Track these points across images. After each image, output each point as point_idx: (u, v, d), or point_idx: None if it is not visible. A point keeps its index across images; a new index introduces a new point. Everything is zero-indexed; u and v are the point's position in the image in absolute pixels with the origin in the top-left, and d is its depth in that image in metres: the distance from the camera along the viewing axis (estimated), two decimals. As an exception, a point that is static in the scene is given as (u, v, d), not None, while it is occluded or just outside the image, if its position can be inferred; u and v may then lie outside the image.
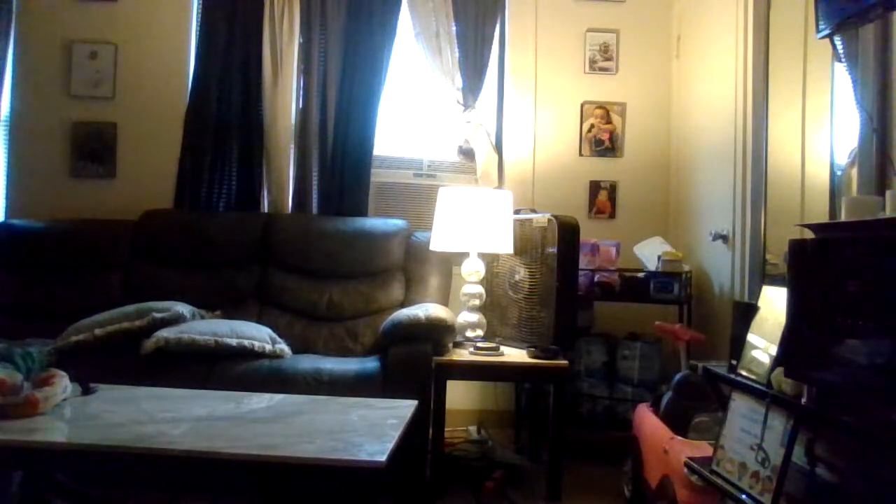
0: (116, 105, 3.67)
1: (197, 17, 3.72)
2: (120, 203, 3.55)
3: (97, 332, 2.78)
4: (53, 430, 1.88)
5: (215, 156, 3.60)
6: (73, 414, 2.00)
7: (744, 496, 1.75)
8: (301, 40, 3.65)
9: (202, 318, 2.98)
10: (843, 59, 2.22)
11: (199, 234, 3.39)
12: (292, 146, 3.66)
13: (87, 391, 2.17)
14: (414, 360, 2.70)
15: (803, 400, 1.67)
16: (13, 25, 3.63)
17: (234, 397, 2.20)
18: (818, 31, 2.20)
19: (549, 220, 2.97)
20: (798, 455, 1.71)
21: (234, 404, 2.12)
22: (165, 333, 2.73)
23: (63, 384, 2.04)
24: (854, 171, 2.19)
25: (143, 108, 3.66)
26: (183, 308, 2.91)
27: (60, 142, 3.65)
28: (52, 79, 3.66)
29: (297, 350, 2.98)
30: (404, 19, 3.68)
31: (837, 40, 2.19)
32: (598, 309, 3.41)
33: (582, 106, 3.81)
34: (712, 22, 3.33)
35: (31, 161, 3.66)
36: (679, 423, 2.32)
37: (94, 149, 3.65)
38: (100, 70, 3.65)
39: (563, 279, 2.89)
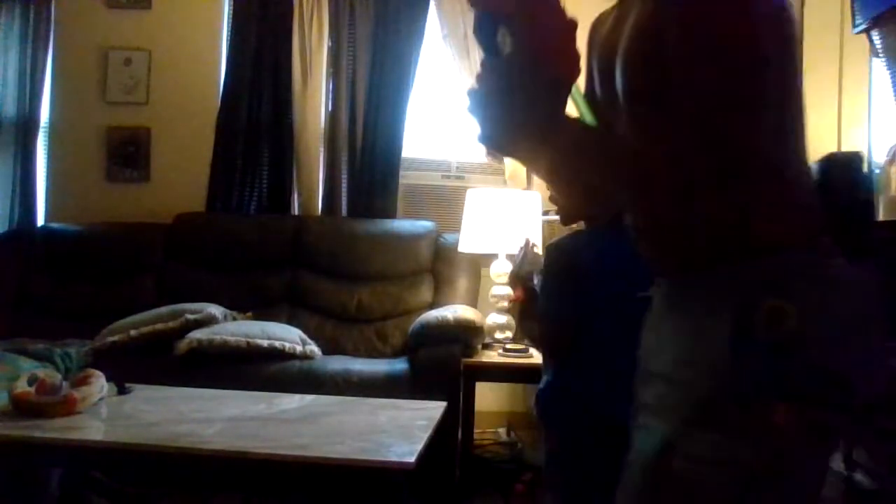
0: (150, 110, 3.74)
1: (228, 24, 3.77)
2: (154, 206, 3.61)
3: (132, 333, 2.84)
4: (91, 428, 1.92)
5: (246, 159, 3.65)
6: (109, 413, 2.04)
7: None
8: (330, 44, 3.68)
9: (234, 319, 3.02)
10: (881, 55, 2.16)
11: (231, 236, 3.44)
12: (322, 149, 3.69)
13: (122, 391, 2.21)
14: (443, 362, 2.70)
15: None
16: (51, 34, 3.72)
17: (266, 398, 2.22)
18: (854, 25, 2.15)
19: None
20: (835, 460, 1.67)
21: (266, 405, 2.15)
22: (198, 335, 2.77)
23: (100, 384, 2.08)
24: (893, 169, 2.14)
25: (175, 113, 3.73)
26: (215, 310, 2.95)
27: (96, 147, 3.74)
28: (89, 85, 3.74)
29: (326, 351, 3.00)
30: (432, 21, 3.69)
31: (875, 35, 2.14)
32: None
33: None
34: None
35: (69, 166, 3.75)
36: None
37: (128, 153, 3.73)
38: (134, 76, 3.72)
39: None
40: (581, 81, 0.96)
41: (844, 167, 0.89)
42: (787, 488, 0.84)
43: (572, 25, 0.87)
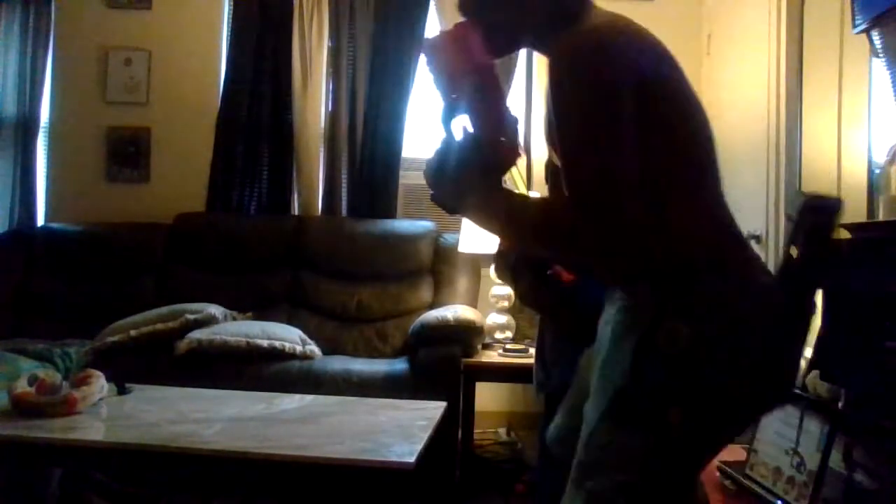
0: (150, 110, 3.74)
1: (228, 24, 3.77)
2: (154, 206, 3.61)
3: (132, 333, 2.84)
4: (91, 428, 1.92)
5: (246, 159, 3.65)
6: (109, 413, 2.04)
7: (779, 502, 1.71)
8: (330, 44, 3.68)
9: (234, 319, 3.02)
10: (881, 55, 2.16)
11: (231, 236, 3.44)
12: (322, 149, 3.69)
13: (122, 391, 2.22)
14: (443, 362, 2.71)
15: (840, 404, 1.63)
16: (52, 34, 3.73)
17: (266, 398, 2.22)
18: (854, 25, 2.15)
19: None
20: (835, 460, 1.67)
21: (266, 405, 2.15)
22: (198, 335, 2.77)
23: (100, 384, 2.08)
24: (893, 169, 2.14)
25: (176, 114, 3.73)
26: (215, 310, 2.95)
27: (96, 147, 3.74)
28: (89, 85, 3.75)
29: (327, 351, 3.00)
30: (432, 21, 3.69)
31: (875, 35, 2.14)
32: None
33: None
34: (744, 18, 3.28)
35: (69, 166, 3.75)
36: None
37: (128, 153, 3.73)
38: (134, 76, 3.73)
39: (593, 280, 2.86)
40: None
41: (819, 210, 1.05)
42: (671, 476, 1.02)
43: (514, 121, 1.10)
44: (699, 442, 1.03)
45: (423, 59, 1.16)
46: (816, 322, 1.75)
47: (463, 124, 1.10)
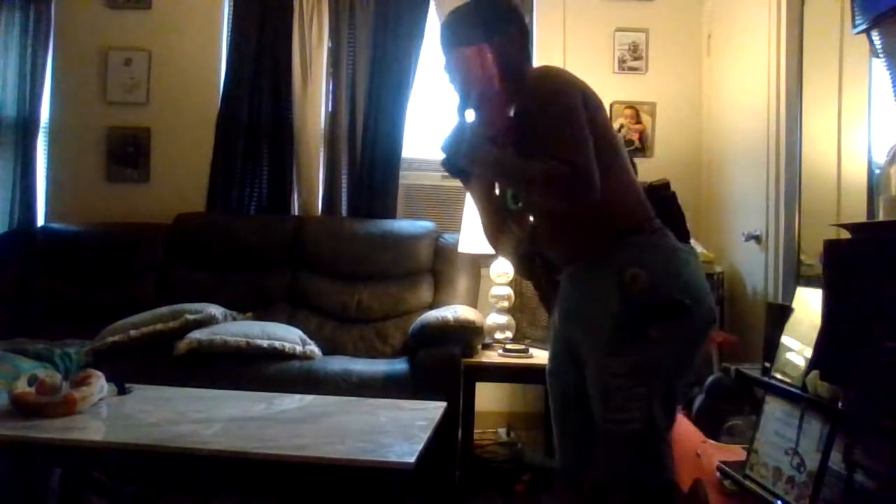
0: (150, 110, 3.74)
1: (228, 24, 3.77)
2: (154, 207, 3.61)
3: (132, 333, 2.84)
4: (90, 428, 1.92)
5: (246, 159, 3.65)
6: (109, 413, 2.04)
7: (779, 502, 1.71)
8: (330, 44, 3.68)
9: (234, 319, 3.02)
10: (881, 55, 2.16)
11: (231, 236, 3.44)
12: (322, 149, 3.69)
13: (122, 391, 2.21)
14: (443, 362, 2.71)
15: (840, 404, 1.63)
16: (51, 34, 3.73)
17: (266, 398, 2.22)
18: (854, 26, 2.15)
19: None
20: (835, 460, 1.67)
21: (266, 405, 2.15)
22: (198, 335, 2.77)
23: (100, 384, 2.08)
24: (893, 170, 2.14)
25: (176, 114, 3.73)
26: (215, 310, 2.95)
27: (96, 147, 3.74)
28: (89, 85, 3.75)
29: (327, 351, 3.00)
30: (432, 21, 3.69)
31: (875, 35, 2.14)
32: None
33: (611, 106, 3.77)
34: (744, 18, 3.28)
35: (69, 166, 3.75)
36: (711, 426, 2.29)
37: (128, 153, 3.73)
38: (134, 76, 3.73)
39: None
40: None
41: (659, 189, 1.67)
42: (672, 382, 1.52)
43: (510, 122, 1.61)
44: (675, 349, 1.50)
45: (441, 63, 1.65)
46: (816, 322, 1.75)
47: (473, 112, 1.61)
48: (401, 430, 1.90)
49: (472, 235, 3.09)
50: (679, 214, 1.64)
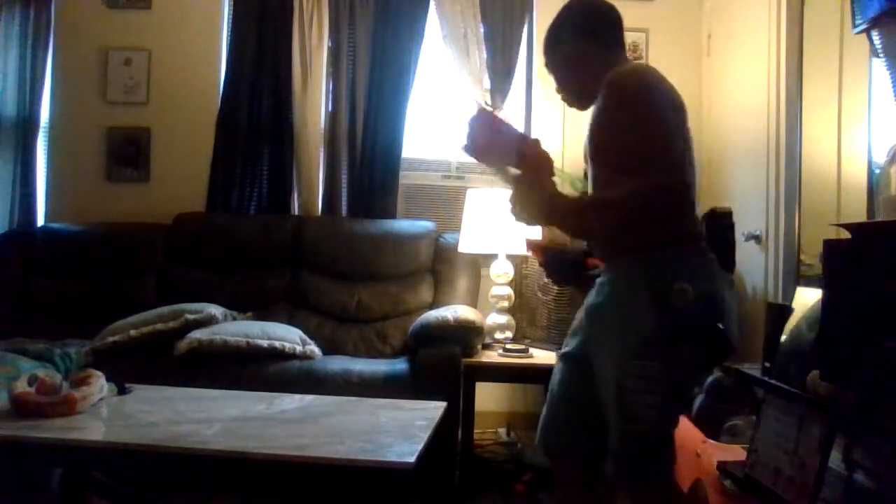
0: (150, 110, 3.74)
1: (228, 24, 3.77)
2: (154, 206, 3.61)
3: (132, 333, 2.84)
4: (91, 429, 1.92)
5: (246, 159, 3.65)
6: (109, 413, 2.04)
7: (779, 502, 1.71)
8: (330, 44, 3.68)
9: (234, 319, 3.02)
10: (881, 55, 2.16)
11: (231, 236, 3.44)
12: (322, 149, 3.69)
13: (122, 391, 2.21)
14: (443, 362, 2.71)
15: (840, 404, 1.63)
16: (51, 34, 3.73)
17: (266, 398, 2.22)
18: (854, 25, 2.15)
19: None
20: (835, 460, 1.67)
21: (266, 405, 2.15)
22: (198, 335, 2.77)
23: (100, 384, 2.08)
24: (893, 170, 2.14)
25: (176, 113, 3.73)
26: (215, 310, 2.95)
27: (96, 147, 3.74)
28: (89, 85, 3.74)
29: (327, 351, 3.00)
30: (432, 21, 3.69)
31: (875, 35, 2.14)
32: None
33: (611, 106, 3.77)
34: (744, 19, 3.28)
35: (69, 166, 3.75)
36: (711, 426, 2.29)
37: (128, 153, 3.73)
38: (134, 76, 3.73)
39: (593, 280, 2.87)
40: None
41: (722, 217, 1.69)
42: (684, 393, 1.64)
43: (535, 142, 1.68)
44: (694, 369, 1.60)
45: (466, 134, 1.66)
46: (816, 322, 1.75)
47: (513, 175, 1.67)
48: (401, 430, 1.90)
49: (472, 235, 3.10)
50: (731, 245, 1.66)
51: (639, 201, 1.46)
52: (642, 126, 1.49)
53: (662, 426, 1.55)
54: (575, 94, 1.76)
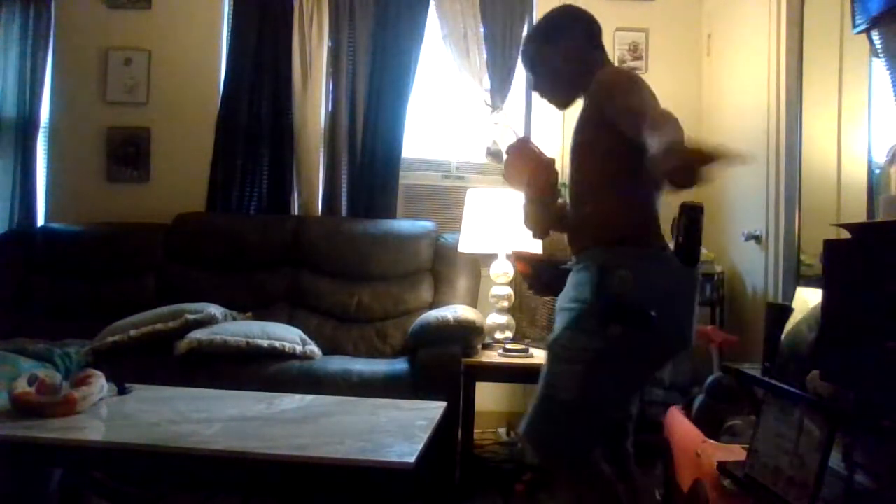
0: (150, 110, 3.74)
1: (228, 24, 3.77)
2: (154, 206, 3.61)
3: (132, 333, 2.84)
4: (91, 428, 1.92)
5: (246, 159, 3.65)
6: (109, 413, 2.04)
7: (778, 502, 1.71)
8: (330, 44, 3.69)
9: (234, 319, 3.02)
10: (881, 55, 2.16)
11: (231, 236, 3.44)
12: (322, 149, 3.69)
13: (122, 391, 2.22)
14: (443, 362, 2.71)
15: (840, 404, 1.63)
16: (51, 34, 3.73)
17: (266, 398, 2.22)
18: (854, 25, 2.15)
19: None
20: (835, 460, 1.67)
21: (266, 405, 2.15)
22: (198, 335, 2.77)
23: (100, 384, 2.08)
24: (893, 170, 2.14)
25: (175, 114, 3.73)
26: (215, 310, 2.95)
27: (96, 147, 3.74)
28: (89, 85, 3.75)
29: (327, 351, 3.00)
30: (432, 21, 3.69)
31: (875, 35, 2.14)
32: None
33: (611, 106, 3.77)
34: (744, 18, 3.28)
35: (69, 166, 3.75)
36: (711, 426, 2.29)
37: (128, 153, 3.73)
38: (134, 76, 3.73)
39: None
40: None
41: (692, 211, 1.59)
42: (612, 367, 1.61)
43: (553, 173, 1.78)
44: (627, 354, 1.60)
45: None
46: (816, 322, 1.75)
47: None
48: (401, 430, 1.90)
49: (472, 235, 3.09)
50: (696, 237, 1.63)
51: (679, 131, 1.51)
52: (645, 96, 1.63)
53: (580, 401, 1.60)
54: (563, 90, 1.85)
